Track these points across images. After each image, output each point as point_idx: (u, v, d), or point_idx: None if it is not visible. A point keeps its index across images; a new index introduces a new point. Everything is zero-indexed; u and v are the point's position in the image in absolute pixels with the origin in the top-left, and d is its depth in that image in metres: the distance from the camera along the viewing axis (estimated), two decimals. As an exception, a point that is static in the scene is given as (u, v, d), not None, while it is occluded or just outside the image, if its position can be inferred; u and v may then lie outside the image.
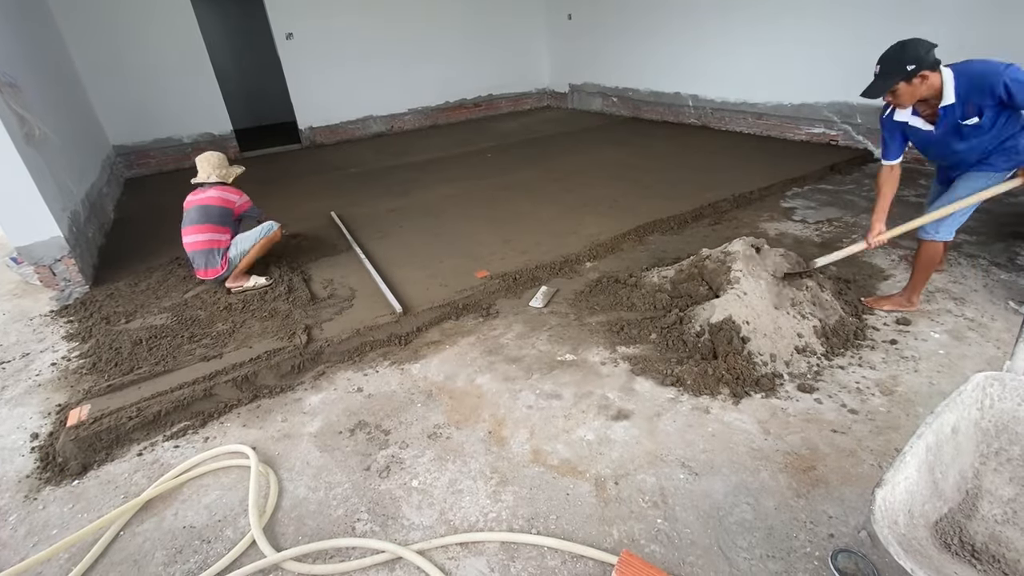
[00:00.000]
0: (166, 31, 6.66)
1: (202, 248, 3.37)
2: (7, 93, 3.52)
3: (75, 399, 2.58)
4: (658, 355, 2.65)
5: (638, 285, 3.20)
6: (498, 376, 2.63)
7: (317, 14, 7.52)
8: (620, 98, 8.60)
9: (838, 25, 5.60)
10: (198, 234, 3.36)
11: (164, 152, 7.10)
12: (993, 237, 3.64)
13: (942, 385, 2.33)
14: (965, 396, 1.46)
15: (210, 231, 3.36)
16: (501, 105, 9.68)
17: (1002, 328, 2.68)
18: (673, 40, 7.37)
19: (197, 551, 1.84)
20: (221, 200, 3.39)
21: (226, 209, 3.40)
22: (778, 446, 2.08)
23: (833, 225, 4.08)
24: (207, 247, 3.37)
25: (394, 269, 3.72)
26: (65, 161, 4.32)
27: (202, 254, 3.38)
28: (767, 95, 6.54)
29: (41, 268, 3.60)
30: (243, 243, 3.44)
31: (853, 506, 1.81)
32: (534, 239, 4.05)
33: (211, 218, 3.36)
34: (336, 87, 7.97)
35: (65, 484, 2.17)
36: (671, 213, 4.32)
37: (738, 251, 2.94)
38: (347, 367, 2.79)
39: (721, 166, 5.56)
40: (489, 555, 1.74)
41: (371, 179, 6.06)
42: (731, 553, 1.69)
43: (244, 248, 3.43)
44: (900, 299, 2.88)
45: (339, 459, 2.19)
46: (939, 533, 1.37)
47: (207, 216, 3.36)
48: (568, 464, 2.08)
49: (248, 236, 3.46)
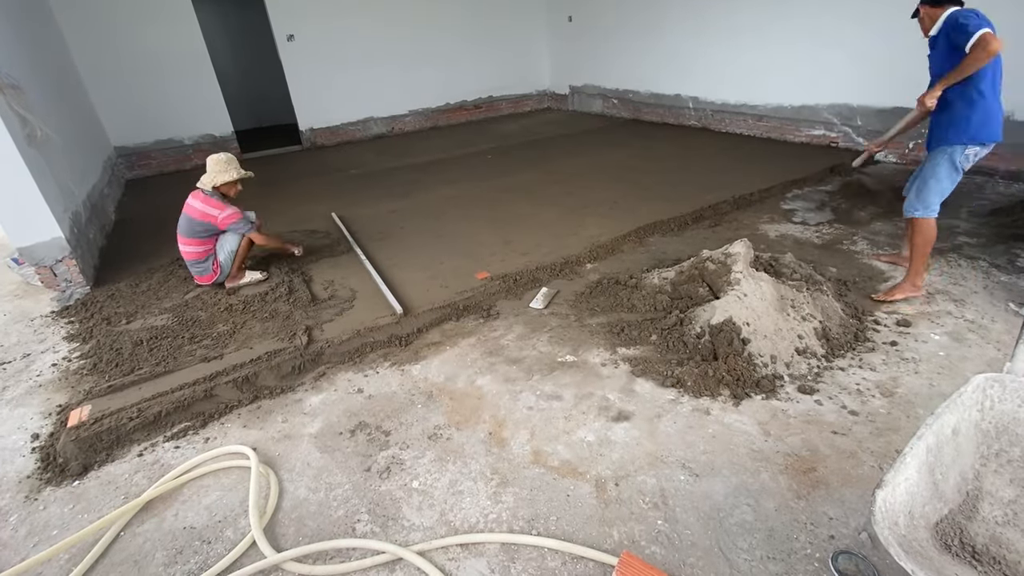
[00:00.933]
0: (167, 33, 6.68)
1: (191, 259, 3.49)
2: (9, 94, 3.53)
3: (76, 400, 2.58)
4: (658, 356, 2.65)
5: (638, 286, 3.20)
6: (499, 377, 2.63)
7: (318, 16, 7.54)
8: (620, 100, 8.61)
9: (839, 27, 5.61)
10: (185, 245, 3.45)
11: (165, 153, 7.11)
12: (993, 239, 3.64)
13: (942, 387, 2.33)
14: (965, 398, 1.46)
15: (194, 244, 3.44)
16: (502, 107, 9.69)
17: (1002, 330, 2.68)
18: (673, 42, 7.39)
19: (197, 552, 1.84)
20: (201, 214, 3.37)
21: (207, 223, 3.39)
22: (778, 447, 2.08)
23: (834, 227, 4.08)
24: (195, 258, 3.48)
25: (395, 270, 3.73)
26: (66, 162, 4.33)
27: (193, 263, 3.51)
28: (767, 97, 6.55)
29: (42, 269, 3.60)
30: (229, 244, 3.46)
31: (853, 507, 1.81)
32: (535, 240, 4.05)
33: (194, 231, 3.40)
34: (337, 89, 7.99)
35: (66, 485, 2.17)
36: (671, 215, 4.32)
37: (739, 252, 2.95)
38: (347, 368, 2.79)
39: (721, 168, 5.57)
40: (489, 556, 1.74)
41: (372, 180, 6.07)
42: (731, 554, 1.69)
43: (231, 248, 3.46)
44: (906, 285, 2.98)
45: (339, 460, 2.19)
46: (940, 534, 1.37)
47: (191, 229, 3.40)
48: (568, 465, 2.08)
49: (232, 237, 3.48)
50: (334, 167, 6.81)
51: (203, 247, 3.45)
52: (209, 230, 3.42)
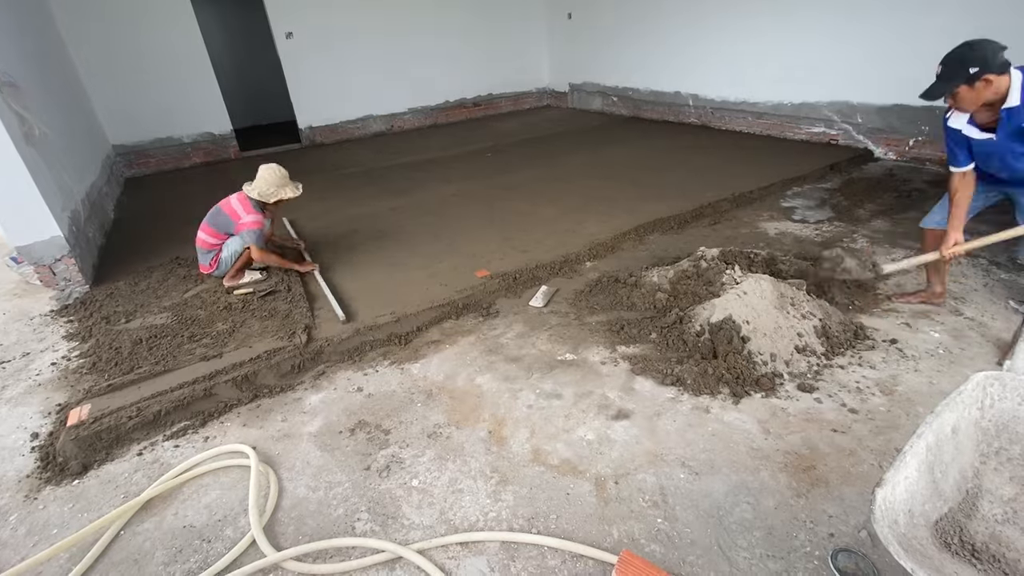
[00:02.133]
0: (166, 31, 6.65)
1: (200, 246, 3.54)
2: (7, 93, 3.52)
3: (75, 399, 2.58)
4: (658, 355, 2.65)
5: (638, 285, 3.20)
6: (498, 376, 2.63)
7: (317, 13, 7.51)
8: (620, 97, 8.59)
9: (839, 24, 5.59)
10: (202, 231, 3.51)
11: (164, 152, 7.09)
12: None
13: (942, 384, 2.33)
14: (965, 395, 1.46)
15: (207, 233, 3.49)
16: (501, 104, 9.67)
17: (1002, 327, 2.68)
18: (673, 39, 7.37)
19: (197, 551, 1.84)
20: (231, 210, 3.44)
21: (230, 220, 3.44)
22: (778, 446, 2.08)
23: (833, 225, 4.07)
24: (205, 247, 3.53)
25: (394, 268, 3.72)
26: (65, 161, 4.32)
27: (201, 251, 3.56)
28: (767, 94, 6.54)
29: (41, 268, 3.60)
30: (234, 244, 3.47)
31: (853, 505, 1.81)
32: (534, 238, 4.05)
33: (216, 222, 3.47)
34: (336, 86, 7.96)
35: (65, 484, 2.17)
36: (671, 212, 4.32)
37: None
38: (347, 367, 2.79)
39: (721, 165, 5.56)
40: (489, 555, 1.74)
41: (371, 178, 6.06)
42: (731, 552, 1.69)
43: (236, 249, 3.46)
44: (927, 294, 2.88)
45: (339, 459, 2.19)
46: (939, 533, 1.37)
47: (214, 218, 3.48)
48: (568, 464, 2.08)
49: (240, 241, 3.46)
50: (333, 165, 6.79)
51: (215, 239, 3.48)
52: (227, 226, 3.45)
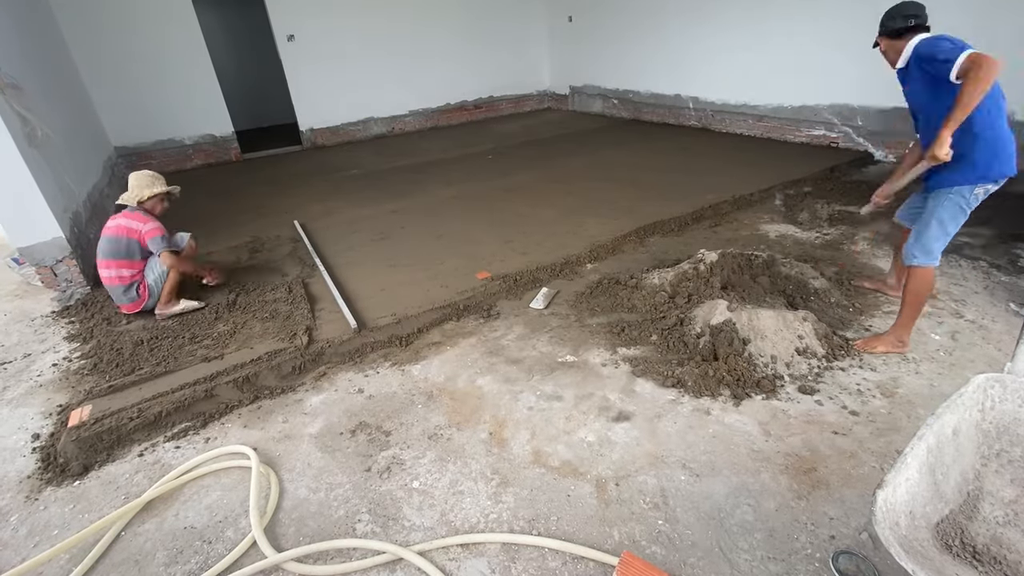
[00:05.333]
0: (168, 33, 6.68)
1: (114, 284, 3.17)
2: (9, 94, 3.53)
3: (76, 400, 2.58)
4: (659, 356, 2.65)
5: (639, 286, 3.20)
6: (499, 377, 2.63)
7: (318, 16, 7.54)
8: (621, 100, 8.61)
9: (839, 27, 5.61)
10: (106, 269, 3.16)
11: (165, 153, 7.11)
12: (994, 239, 3.64)
13: (943, 387, 2.33)
14: (966, 398, 1.45)
15: (118, 266, 3.15)
16: (502, 107, 9.69)
17: (1003, 330, 2.68)
18: (674, 42, 7.39)
19: (198, 552, 1.84)
20: (125, 230, 3.14)
21: (132, 240, 3.15)
22: (779, 448, 2.08)
23: (834, 227, 4.08)
24: (118, 283, 3.17)
25: (394, 270, 3.73)
26: (67, 162, 4.33)
27: (116, 290, 3.19)
28: (767, 97, 6.55)
29: (43, 269, 3.60)
30: (156, 266, 3.20)
31: (854, 507, 1.81)
32: (535, 240, 4.05)
33: (118, 252, 3.14)
34: (337, 89, 7.99)
35: (66, 485, 2.17)
36: (671, 215, 4.32)
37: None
38: (348, 368, 2.79)
39: (721, 168, 5.57)
40: (490, 556, 1.74)
41: (372, 181, 6.07)
42: (732, 555, 1.69)
43: (162, 270, 3.19)
44: (890, 339, 2.57)
45: (340, 460, 2.19)
46: (940, 535, 1.37)
47: (115, 249, 3.14)
48: (569, 465, 2.08)
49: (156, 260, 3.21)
50: (334, 167, 6.81)
51: (129, 270, 3.16)
52: (132, 249, 3.16)
